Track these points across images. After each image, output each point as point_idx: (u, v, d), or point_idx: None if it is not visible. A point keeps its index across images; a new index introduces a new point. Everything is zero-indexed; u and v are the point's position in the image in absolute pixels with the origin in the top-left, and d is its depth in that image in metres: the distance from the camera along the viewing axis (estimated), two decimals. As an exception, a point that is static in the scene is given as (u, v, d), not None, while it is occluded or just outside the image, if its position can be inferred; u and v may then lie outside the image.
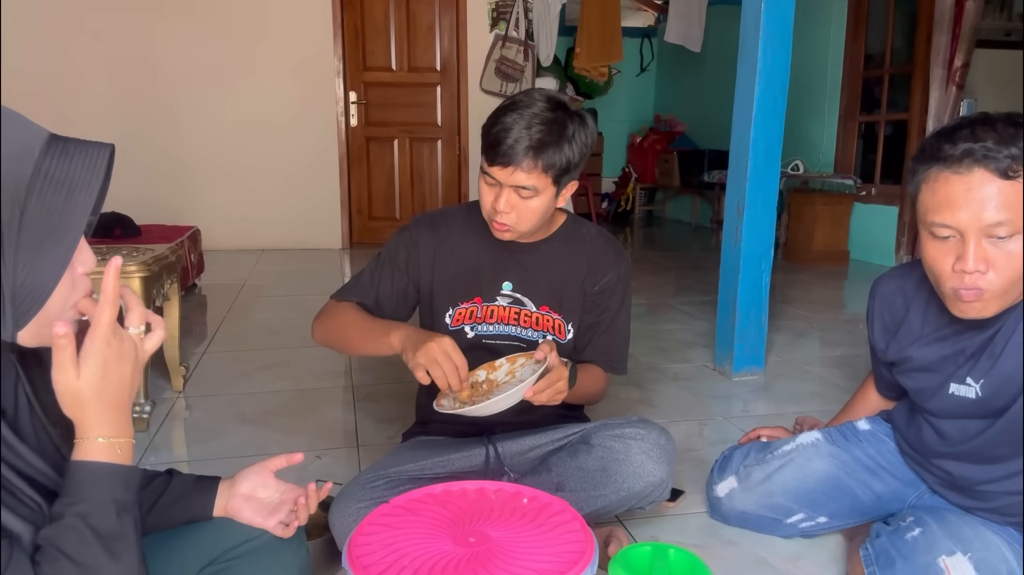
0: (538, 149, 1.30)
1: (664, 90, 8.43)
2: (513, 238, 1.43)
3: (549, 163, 1.31)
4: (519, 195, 1.34)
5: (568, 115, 1.34)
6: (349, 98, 5.44)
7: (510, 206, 1.35)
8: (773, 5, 2.39)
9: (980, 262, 1.07)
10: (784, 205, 5.31)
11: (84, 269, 0.73)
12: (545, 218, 1.42)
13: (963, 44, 4.32)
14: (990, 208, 1.05)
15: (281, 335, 3.15)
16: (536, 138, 1.29)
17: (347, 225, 5.58)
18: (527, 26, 5.47)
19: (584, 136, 1.36)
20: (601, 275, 1.52)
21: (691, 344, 3.10)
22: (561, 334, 1.51)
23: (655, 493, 1.38)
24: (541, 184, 1.33)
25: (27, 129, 0.68)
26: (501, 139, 1.30)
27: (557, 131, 1.31)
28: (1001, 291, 1.10)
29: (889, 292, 1.40)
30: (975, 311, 1.13)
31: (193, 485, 1.00)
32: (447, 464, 1.46)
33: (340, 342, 1.49)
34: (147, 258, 2.20)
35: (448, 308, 1.52)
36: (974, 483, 1.31)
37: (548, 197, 1.37)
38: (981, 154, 1.05)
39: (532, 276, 1.50)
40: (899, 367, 1.38)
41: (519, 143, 1.29)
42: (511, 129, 1.30)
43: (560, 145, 1.31)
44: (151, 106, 5.11)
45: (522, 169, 1.31)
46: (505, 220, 1.37)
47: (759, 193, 2.52)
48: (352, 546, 0.98)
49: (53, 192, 0.67)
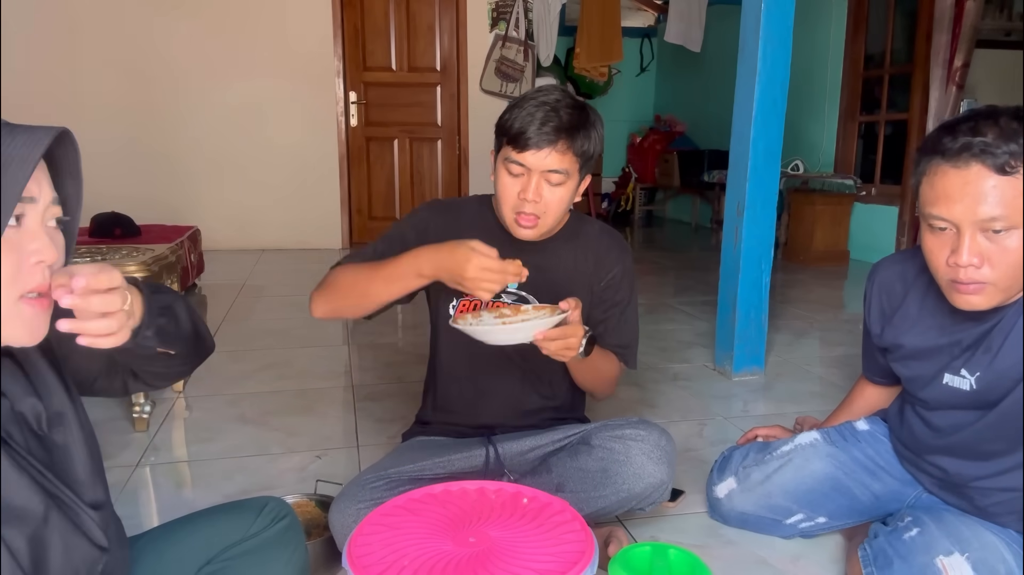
0: (571, 131, 1.30)
1: (664, 90, 8.43)
2: (534, 236, 1.40)
3: (581, 147, 1.32)
4: (548, 182, 1.33)
5: (583, 106, 1.36)
6: (349, 98, 5.44)
7: (539, 194, 1.33)
8: (773, 5, 2.39)
9: (974, 256, 1.08)
10: (784, 205, 5.31)
11: (38, 258, 0.71)
12: (566, 212, 1.41)
13: (963, 44, 4.32)
14: (985, 203, 1.05)
15: (281, 335, 3.15)
16: (567, 120, 1.30)
17: (347, 225, 5.58)
18: (527, 26, 5.47)
19: (601, 129, 1.38)
20: (607, 271, 1.52)
21: (691, 344, 3.10)
22: None
23: (655, 494, 1.38)
24: (572, 169, 1.33)
25: None
26: (530, 123, 1.29)
27: (584, 117, 1.32)
28: (1001, 285, 1.10)
29: (889, 277, 1.39)
30: (974, 303, 1.13)
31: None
32: (447, 464, 1.46)
33: (353, 298, 1.36)
34: (147, 258, 2.20)
35: (452, 299, 1.51)
36: (967, 480, 1.31)
37: (573, 185, 1.37)
38: (979, 149, 1.05)
39: (537, 275, 1.48)
40: (893, 354, 1.38)
41: (551, 124, 1.29)
42: (537, 114, 1.29)
43: (588, 131, 1.32)
44: (151, 106, 5.11)
45: (556, 150, 1.30)
46: (534, 210, 1.34)
47: (759, 193, 2.52)
48: (352, 546, 0.98)
49: None
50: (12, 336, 0.71)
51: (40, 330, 0.73)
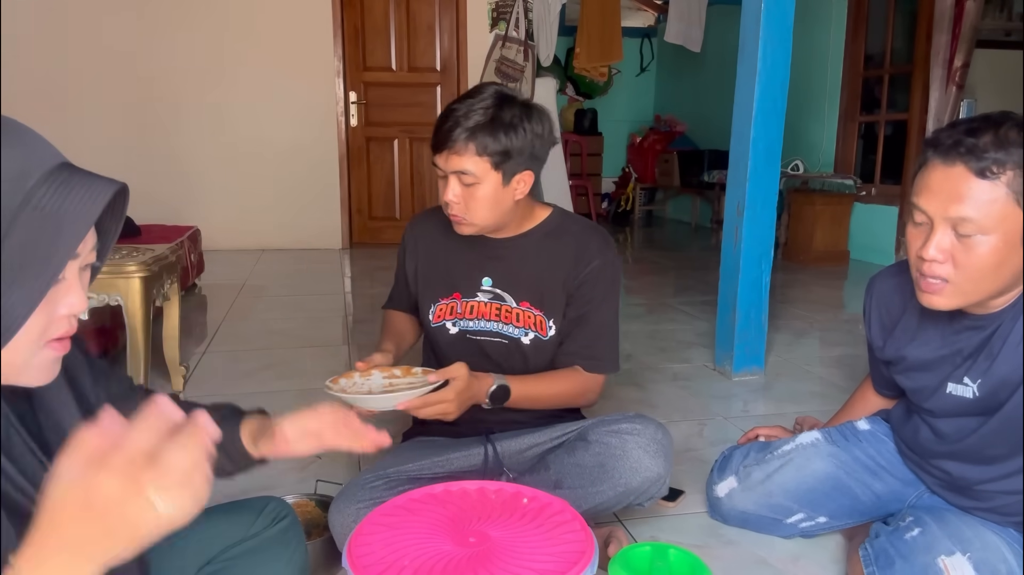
0: (472, 132, 1.32)
1: (664, 90, 8.43)
2: (474, 232, 1.43)
3: (482, 146, 1.32)
4: (462, 182, 1.36)
5: (510, 104, 1.35)
6: (349, 98, 5.44)
7: (456, 195, 1.37)
8: (773, 5, 2.39)
9: (939, 252, 1.10)
10: (784, 205, 5.30)
11: (69, 311, 0.68)
12: (502, 209, 1.41)
13: (963, 44, 4.32)
14: (959, 202, 1.07)
15: (281, 335, 3.15)
16: (470, 124, 1.32)
17: (347, 225, 5.58)
18: (527, 26, 5.46)
19: (528, 125, 1.36)
20: (585, 265, 1.48)
21: (691, 344, 3.10)
22: (543, 330, 1.49)
23: (653, 488, 1.38)
24: (479, 169, 1.34)
25: (32, 153, 0.64)
26: (439, 128, 1.36)
27: (492, 115, 1.33)
28: (962, 287, 1.11)
29: (886, 290, 1.40)
30: (934, 303, 1.15)
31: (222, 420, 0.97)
32: (446, 464, 1.47)
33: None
34: (147, 258, 2.20)
35: (430, 304, 1.54)
36: (972, 483, 1.31)
37: (493, 185, 1.36)
38: (966, 149, 1.06)
39: (512, 271, 1.49)
40: (896, 366, 1.38)
41: (454, 128, 1.33)
42: (449, 117, 1.34)
43: (495, 130, 1.33)
44: (151, 106, 5.10)
45: (455, 152, 1.33)
46: (456, 211, 1.39)
47: (759, 193, 2.52)
48: (352, 546, 0.98)
49: (40, 223, 0.62)
50: (29, 378, 0.69)
51: (54, 370, 0.71)
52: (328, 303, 3.85)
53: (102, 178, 0.67)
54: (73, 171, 0.66)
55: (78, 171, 0.66)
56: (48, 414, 0.77)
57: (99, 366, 0.90)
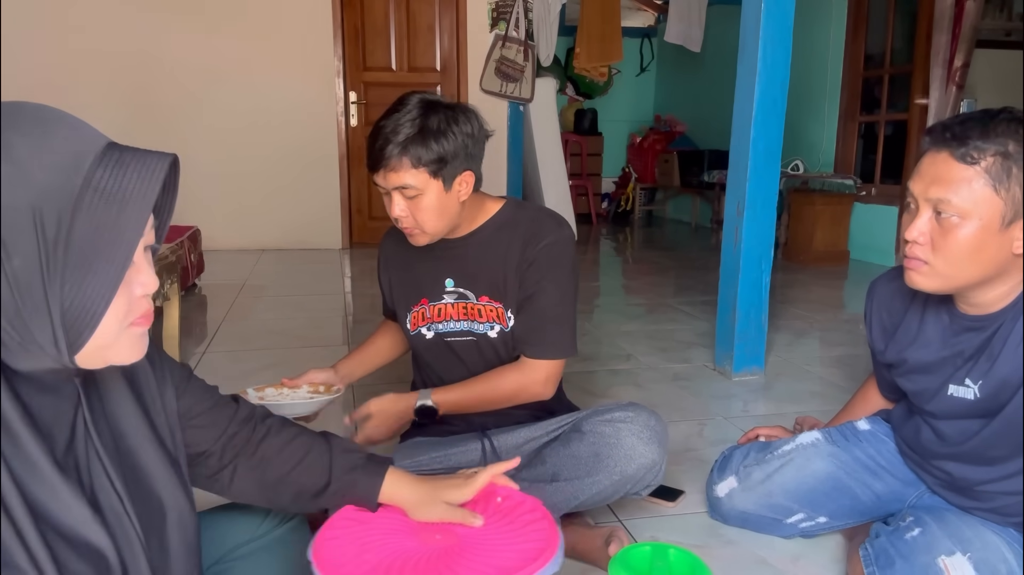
0: (403, 146, 1.32)
1: (664, 90, 8.43)
2: (429, 240, 1.42)
3: (416, 158, 1.32)
4: (405, 196, 1.36)
5: (435, 110, 1.34)
6: (349, 98, 5.44)
7: (403, 210, 1.37)
8: (773, 5, 2.39)
9: (919, 234, 1.15)
10: (784, 205, 5.31)
11: (143, 291, 0.68)
12: (450, 214, 1.40)
13: (963, 44, 4.32)
14: (939, 184, 1.11)
15: (281, 335, 3.15)
16: (400, 138, 1.32)
17: (347, 225, 5.58)
18: (527, 26, 5.47)
19: (457, 127, 1.35)
20: (534, 246, 1.44)
21: (691, 344, 3.10)
22: (504, 322, 1.48)
23: (648, 475, 1.38)
24: (419, 181, 1.34)
25: (81, 136, 0.64)
26: (370, 148, 1.36)
27: (420, 126, 1.32)
28: (940, 270, 1.15)
29: (886, 294, 1.40)
30: (915, 281, 1.19)
31: (361, 466, 1.02)
32: (444, 459, 1.48)
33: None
34: (147, 258, 2.20)
35: (405, 314, 1.56)
36: (973, 484, 1.31)
37: (436, 193, 1.36)
38: (952, 135, 1.11)
39: (469, 268, 1.49)
40: (897, 369, 1.38)
41: (385, 145, 1.33)
42: (379, 135, 1.34)
43: (425, 139, 1.32)
44: (151, 105, 5.10)
45: (391, 169, 1.33)
46: (406, 224, 1.39)
47: (759, 193, 2.52)
48: (318, 542, 0.97)
49: (104, 206, 0.62)
50: (120, 357, 0.70)
51: (143, 345, 0.72)
52: (328, 303, 3.85)
53: (152, 152, 0.66)
54: (123, 149, 0.65)
55: (127, 149, 0.65)
56: (104, 401, 0.77)
57: (172, 368, 0.90)
